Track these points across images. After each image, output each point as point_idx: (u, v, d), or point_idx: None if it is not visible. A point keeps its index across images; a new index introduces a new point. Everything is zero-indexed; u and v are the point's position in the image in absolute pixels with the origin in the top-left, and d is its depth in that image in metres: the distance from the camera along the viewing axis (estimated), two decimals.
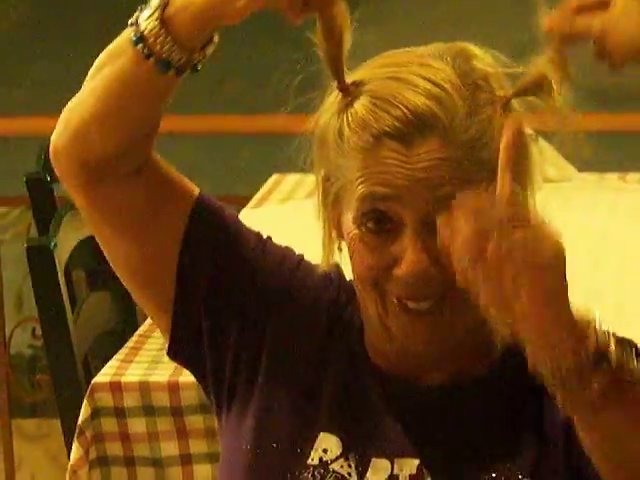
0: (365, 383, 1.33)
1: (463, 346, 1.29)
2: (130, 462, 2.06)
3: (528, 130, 1.20)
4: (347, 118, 1.21)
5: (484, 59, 1.24)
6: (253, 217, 2.25)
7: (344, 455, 1.31)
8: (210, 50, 1.19)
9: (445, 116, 1.18)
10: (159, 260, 1.31)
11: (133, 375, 2.04)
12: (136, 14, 1.17)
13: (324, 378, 1.33)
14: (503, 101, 1.22)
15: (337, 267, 1.33)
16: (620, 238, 2.27)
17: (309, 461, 1.31)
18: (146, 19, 1.15)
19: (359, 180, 1.19)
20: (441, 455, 1.29)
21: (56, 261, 2.14)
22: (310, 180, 1.62)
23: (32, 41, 3.94)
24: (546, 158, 1.76)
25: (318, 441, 1.32)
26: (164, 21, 1.14)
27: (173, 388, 1.98)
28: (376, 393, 1.32)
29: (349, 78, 1.21)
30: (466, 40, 1.25)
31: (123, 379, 2.02)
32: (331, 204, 1.26)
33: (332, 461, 1.32)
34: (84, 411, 1.97)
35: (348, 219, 1.23)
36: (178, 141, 2.83)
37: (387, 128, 1.17)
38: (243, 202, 2.65)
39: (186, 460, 2.02)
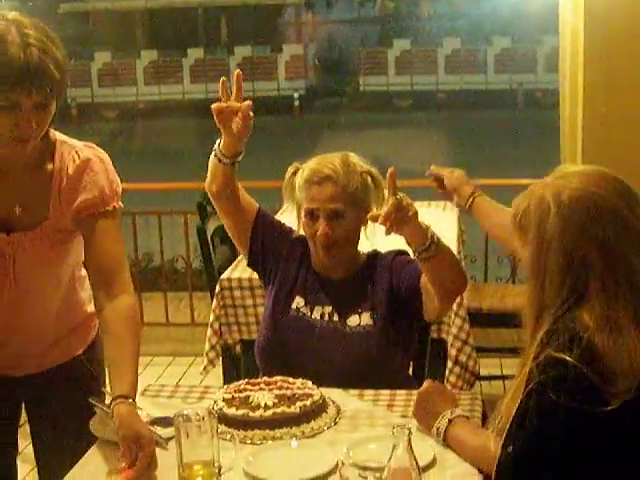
0: (312, 277, 2.96)
1: (346, 261, 2.92)
2: None
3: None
4: (299, 178, 2.87)
5: (355, 158, 2.89)
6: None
7: (306, 305, 2.92)
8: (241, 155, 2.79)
9: (335, 176, 2.80)
10: (244, 229, 2.99)
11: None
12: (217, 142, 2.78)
13: (298, 276, 2.96)
14: (363, 171, 2.85)
15: (301, 235, 2.96)
16: None
17: (292, 307, 2.94)
18: (217, 146, 2.76)
19: (305, 200, 2.86)
20: (341, 304, 2.90)
21: (207, 234, 4.45)
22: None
23: None
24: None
25: (295, 299, 2.95)
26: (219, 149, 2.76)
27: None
28: (316, 280, 2.95)
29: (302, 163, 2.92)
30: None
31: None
32: (297, 210, 2.90)
33: (300, 307, 2.93)
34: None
35: (302, 215, 2.88)
36: None
37: (314, 179, 2.83)
38: None
39: None
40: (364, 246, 3.00)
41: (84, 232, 2.52)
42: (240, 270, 4.03)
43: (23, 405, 2.72)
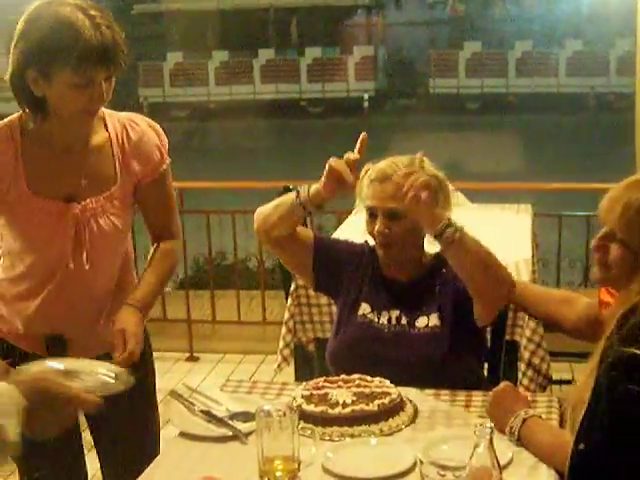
0: (379, 282, 2.97)
1: (410, 263, 2.94)
2: None
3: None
4: (365, 179, 2.90)
5: (424, 161, 2.90)
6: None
7: (373, 311, 2.93)
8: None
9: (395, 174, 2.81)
10: (305, 262, 3.00)
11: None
12: (297, 189, 2.76)
13: (363, 283, 2.98)
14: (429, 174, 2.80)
15: (366, 241, 3.06)
16: None
17: (359, 314, 2.95)
18: (304, 192, 2.74)
19: (367, 198, 2.90)
20: (409, 306, 2.91)
21: None
22: None
23: None
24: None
25: (362, 306, 2.96)
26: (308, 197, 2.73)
27: None
28: (382, 285, 2.97)
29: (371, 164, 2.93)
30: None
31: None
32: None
33: (367, 314, 2.93)
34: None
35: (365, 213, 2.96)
36: None
37: (377, 178, 2.87)
38: None
39: None
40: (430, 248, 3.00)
41: (143, 193, 2.72)
42: None
43: None
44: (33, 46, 2.41)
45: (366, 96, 30.47)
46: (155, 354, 2.93)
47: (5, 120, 2.61)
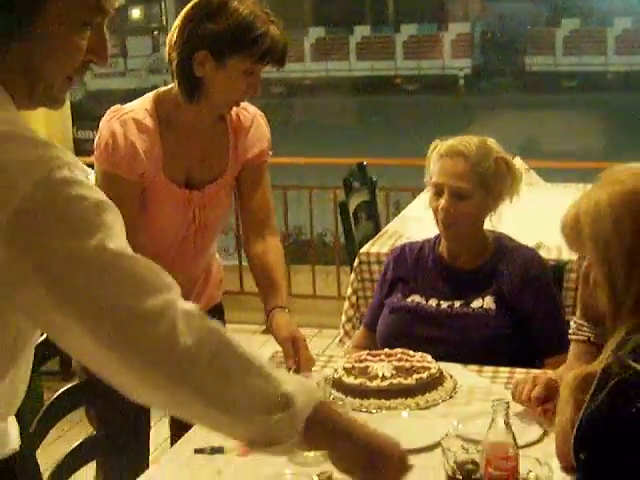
0: (439, 272, 2.97)
1: (472, 248, 2.91)
2: None
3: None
4: (435, 153, 2.88)
5: (493, 143, 2.89)
6: None
7: (423, 299, 2.95)
8: None
9: (467, 152, 2.81)
10: None
11: None
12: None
13: (415, 277, 3.00)
14: (498, 157, 2.84)
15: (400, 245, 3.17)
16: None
17: (408, 300, 2.97)
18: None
19: (434, 173, 2.87)
20: (467, 293, 2.89)
21: (350, 210, 4.52)
22: None
23: None
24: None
25: (411, 297, 2.98)
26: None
27: None
28: (439, 276, 2.95)
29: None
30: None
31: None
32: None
33: (416, 300, 2.95)
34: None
35: (430, 188, 2.92)
36: None
37: (447, 153, 2.86)
38: None
39: None
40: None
41: (247, 180, 2.80)
42: (379, 245, 4.10)
43: None
44: (215, 32, 2.48)
45: (462, 73, 30.20)
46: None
47: (144, 105, 2.65)
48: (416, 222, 4.19)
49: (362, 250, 4.11)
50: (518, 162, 5.37)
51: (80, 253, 1.42)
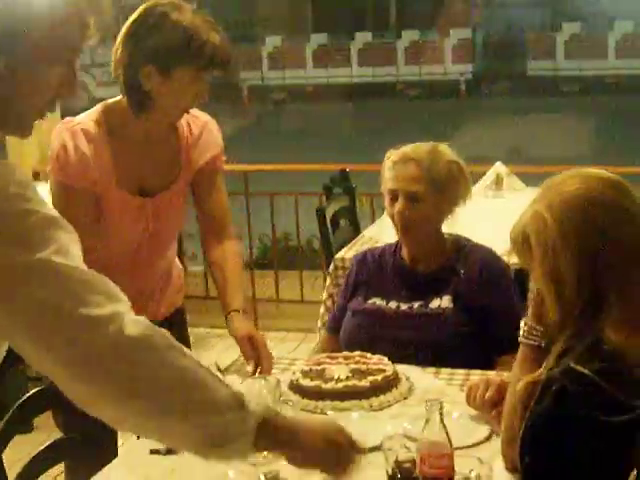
0: (399, 276, 3.05)
1: (430, 250, 3.01)
2: None
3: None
4: (387, 163, 2.98)
5: (444, 148, 2.99)
6: None
7: (384, 302, 3.02)
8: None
9: (419, 158, 2.91)
10: None
11: None
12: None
13: (380, 281, 3.06)
14: (450, 160, 2.94)
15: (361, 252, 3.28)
16: None
17: (368, 302, 3.04)
18: None
19: (389, 180, 2.97)
20: (426, 296, 2.97)
21: (327, 216, 4.56)
22: None
23: None
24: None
25: (371, 299, 3.05)
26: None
27: None
28: (399, 281, 3.04)
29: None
30: None
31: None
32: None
33: (377, 302, 3.03)
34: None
35: (385, 196, 3.00)
36: None
37: (399, 160, 2.95)
38: None
39: None
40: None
41: (201, 186, 2.87)
42: (354, 250, 4.13)
43: None
44: (158, 46, 2.54)
45: (463, 78, 30.22)
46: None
47: (91, 117, 2.71)
48: (392, 228, 4.21)
49: (337, 255, 4.17)
50: (499, 167, 5.46)
51: (26, 265, 1.46)
